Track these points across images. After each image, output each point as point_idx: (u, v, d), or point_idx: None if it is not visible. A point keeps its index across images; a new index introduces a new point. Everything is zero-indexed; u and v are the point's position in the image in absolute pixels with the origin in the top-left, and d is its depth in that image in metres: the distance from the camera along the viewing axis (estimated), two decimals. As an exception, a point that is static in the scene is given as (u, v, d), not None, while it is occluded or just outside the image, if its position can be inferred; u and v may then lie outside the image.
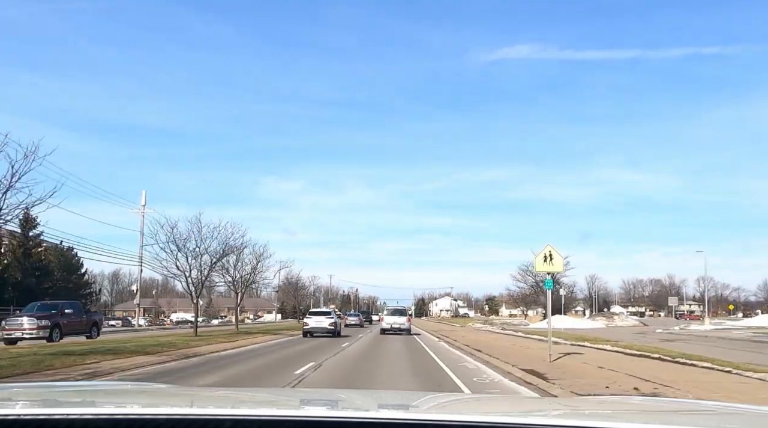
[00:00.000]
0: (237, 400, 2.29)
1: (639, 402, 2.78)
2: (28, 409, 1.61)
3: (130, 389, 2.61)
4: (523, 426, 1.52)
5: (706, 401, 3.26)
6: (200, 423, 1.45)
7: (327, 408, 2.01)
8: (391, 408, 1.98)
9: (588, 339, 26.29)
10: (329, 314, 32.35)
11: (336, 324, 31.03)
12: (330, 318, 31.01)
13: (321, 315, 31.66)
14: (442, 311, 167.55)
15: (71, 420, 1.43)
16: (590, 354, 19.28)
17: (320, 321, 30.35)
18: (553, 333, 18.27)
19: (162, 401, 2.05)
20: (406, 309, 41.79)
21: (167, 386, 3.18)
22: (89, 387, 2.97)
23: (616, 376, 12.72)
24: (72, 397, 2.12)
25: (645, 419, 1.81)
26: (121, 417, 1.50)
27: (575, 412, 2.04)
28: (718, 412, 2.10)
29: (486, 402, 2.95)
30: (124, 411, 1.59)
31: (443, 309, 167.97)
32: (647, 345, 23.35)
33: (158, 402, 2.01)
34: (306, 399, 2.38)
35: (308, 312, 34.68)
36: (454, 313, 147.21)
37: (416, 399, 2.40)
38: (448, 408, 2.21)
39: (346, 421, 1.51)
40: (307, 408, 1.98)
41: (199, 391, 3.74)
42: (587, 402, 2.91)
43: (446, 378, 12.88)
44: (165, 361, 16.05)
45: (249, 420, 1.47)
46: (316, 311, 33.81)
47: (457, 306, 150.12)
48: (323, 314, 32.31)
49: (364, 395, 2.99)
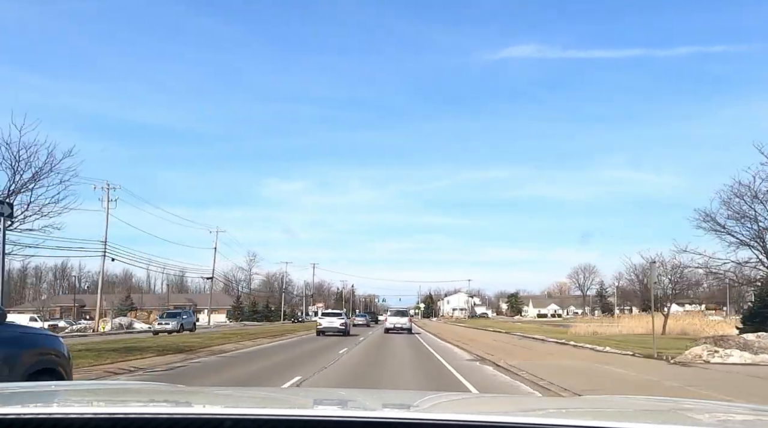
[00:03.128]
0: (237, 399, 2.38)
1: (640, 401, 2.55)
2: (28, 409, 1.63)
3: (130, 388, 2.75)
4: (523, 425, 1.55)
5: (706, 401, 3.30)
6: (200, 422, 1.49)
7: (328, 407, 2.06)
8: (394, 408, 2.04)
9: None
10: (340, 315, 39.36)
11: (346, 324, 37.43)
12: (341, 319, 37.73)
13: (333, 316, 38.73)
14: (455, 311, 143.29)
15: (71, 419, 1.47)
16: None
17: (332, 322, 37.18)
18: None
19: (162, 401, 2.14)
20: (407, 311, 48.06)
21: (167, 386, 3.19)
22: (89, 386, 3.11)
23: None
24: (72, 397, 2.20)
25: (645, 419, 1.88)
26: (121, 417, 1.53)
27: (576, 412, 2.09)
28: (718, 412, 2.14)
29: (487, 401, 3.18)
30: (124, 411, 1.61)
31: (456, 308, 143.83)
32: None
33: (158, 401, 2.10)
34: (307, 399, 2.46)
35: (321, 314, 42.76)
36: (470, 312, 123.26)
37: (419, 399, 2.43)
38: (450, 407, 2.25)
39: (347, 421, 1.55)
40: (308, 407, 2.03)
41: (200, 390, 3.82)
42: (588, 402, 3.04)
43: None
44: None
45: (249, 419, 1.51)
46: (329, 313, 41.50)
47: (473, 304, 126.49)
48: (335, 315, 39.44)
49: (366, 394, 3.18)
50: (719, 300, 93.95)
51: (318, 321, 38.98)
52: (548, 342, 30.20)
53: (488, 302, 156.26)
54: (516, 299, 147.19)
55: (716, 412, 2.12)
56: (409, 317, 42.62)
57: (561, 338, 32.18)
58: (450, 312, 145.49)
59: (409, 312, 47.49)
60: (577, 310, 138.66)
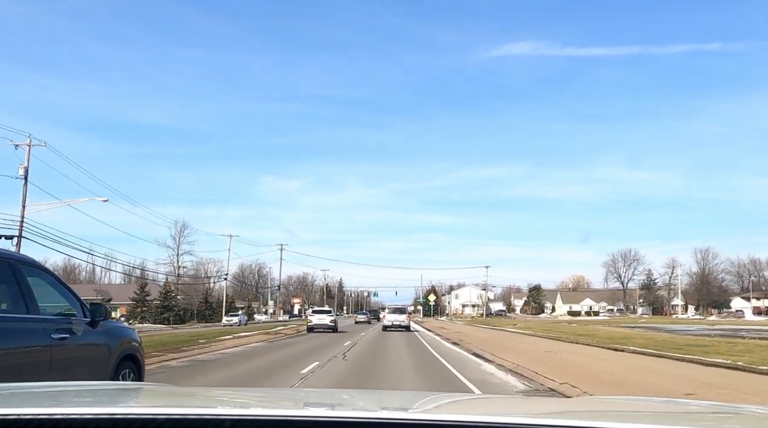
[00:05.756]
0: (237, 400, 2.54)
1: (641, 402, 2.69)
2: (28, 409, 1.66)
3: (130, 389, 2.96)
4: (523, 426, 1.60)
5: (707, 401, 3.29)
6: (200, 422, 1.56)
7: (328, 408, 2.19)
8: (392, 409, 2.12)
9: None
10: (330, 313, 45.04)
11: (335, 321, 43.21)
12: (330, 316, 43.55)
13: (323, 314, 44.37)
14: (464, 307, 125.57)
15: (71, 419, 1.53)
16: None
17: (322, 319, 42.67)
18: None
19: (162, 401, 2.27)
20: (405, 308, 51.74)
21: (167, 386, 3.49)
22: (89, 386, 3.08)
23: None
24: (72, 397, 2.32)
25: (645, 419, 1.95)
26: (121, 417, 1.59)
27: (576, 412, 2.17)
28: (719, 412, 2.28)
29: (487, 402, 3.37)
30: (124, 411, 1.68)
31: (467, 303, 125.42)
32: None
33: (158, 402, 2.24)
34: (306, 399, 2.65)
35: (312, 311, 48.54)
36: (485, 309, 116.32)
37: (418, 400, 2.52)
38: (450, 408, 2.35)
39: (346, 421, 1.60)
40: (307, 408, 2.16)
41: (200, 391, 4.25)
42: (589, 403, 3.18)
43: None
44: None
45: (249, 419, 1.58)
46: (319, 310, 47.02)
47: (487, 299, 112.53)
48: (325, 312, 45.46)
49: (365, 395, 3.34)
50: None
51: (309, 318, 44.80)
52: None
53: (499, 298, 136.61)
54: (539, 294, 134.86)
55: (717, 412, 2.28)
56: (407, 315, 46.28)
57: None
58: (459, 309, 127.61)
59: (408, 310, 52.11)
60: (611, 306, 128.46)
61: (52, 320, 6.29)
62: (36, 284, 6.24)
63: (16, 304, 5.86)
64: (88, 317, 6.86)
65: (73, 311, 6.74)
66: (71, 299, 6.86)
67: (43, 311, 6.26)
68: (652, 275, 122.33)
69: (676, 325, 61.09)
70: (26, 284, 5.99)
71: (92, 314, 6.90)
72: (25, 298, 5.90)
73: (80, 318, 6.73)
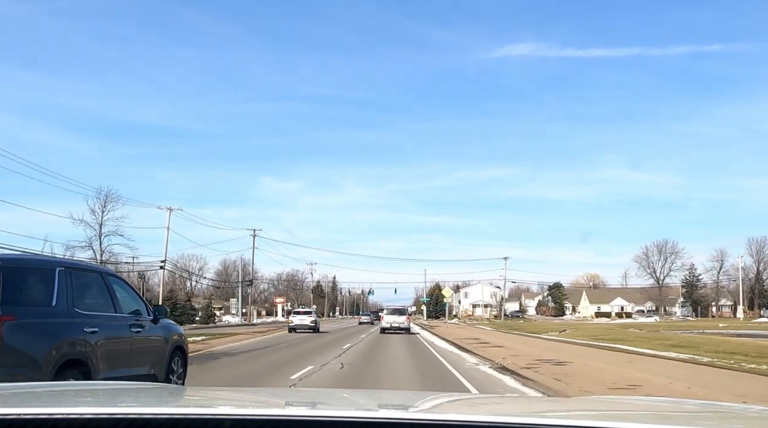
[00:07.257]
0: (237, 400, 2.66)
1: (640, 402, 2.90)
2: (28, 409, 1.74)
3: (130, 389, 3.02)
4: (524, 426, 1.66)
5: (707, 401, 3.47)
6: (200, 423, 1.61)
7: (328, 407, 2.31)
8: (392, 408, 2.20)
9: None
10: (310, 314, 47.33)
11: (316, 321, 46.31)
12: (311, 317, 46.14)
13: (303, 315, 47.07)
14: (475, 307, 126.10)
15: (71, 419, 1.59)
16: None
17: (303, 319, 45.30)
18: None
19: (162, 401, 2.37)
20: (405, 309, 51.08)
21: (167, 386, 3.77)
22: (89, 386, 3.43)
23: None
24: (72, 397, 2.42)
25: (645, 419, 2.03)
26: (121, 417, 1.65)
27: (577, 412, 2.28)
28: (719, 412, 2.37)
29: (487, 402, 3.43)
30: (124, 411, 1.73)
31: (478, 303, 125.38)
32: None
33: (158, 402, 2.33)
34: (306, 399, 2.79)
35: (294, 312, 51.97)
36: (500, 311, 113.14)
37: (417, 399, 2.71)
38: (449, 407, 2.47)
39: (346, 421, 1.65)
40: (307, 407, 2.25)
41: (199, 391, 4.53)
42: (589, 403, 3.18)
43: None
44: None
45: (249, 419, 1.62)
46: (300, 311, 50.24)
47: (502, 298, 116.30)
48: (305, 313, 48.03)
49: (364, 395, 3.55)
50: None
51: (290, 319, 47.59)
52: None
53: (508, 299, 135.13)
54: (560, 293, 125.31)
55: (717, 412, 2.37)
56: (407, 316, 47.15)
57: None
58: (469, 309, 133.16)
59: (407, 310, 51.86)
60: (640, 307, 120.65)
61: (128, 317, 8.57)
62: (115, 289, 8.70)
63: (108, 306, 8.20)
64: (151, 315, 9.14)
65: (140, 310, 9.03)
66: (138, 301, 9.24)
67: (121, 311, 8.66)
68: (695, 270, 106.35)
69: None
70: (113, 289, 8.42)
71: (155, 313, 9.24)
72: (113, 301, 8.24)
73: (145, 316, 9.02)
